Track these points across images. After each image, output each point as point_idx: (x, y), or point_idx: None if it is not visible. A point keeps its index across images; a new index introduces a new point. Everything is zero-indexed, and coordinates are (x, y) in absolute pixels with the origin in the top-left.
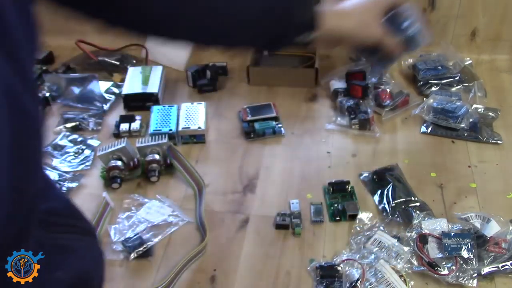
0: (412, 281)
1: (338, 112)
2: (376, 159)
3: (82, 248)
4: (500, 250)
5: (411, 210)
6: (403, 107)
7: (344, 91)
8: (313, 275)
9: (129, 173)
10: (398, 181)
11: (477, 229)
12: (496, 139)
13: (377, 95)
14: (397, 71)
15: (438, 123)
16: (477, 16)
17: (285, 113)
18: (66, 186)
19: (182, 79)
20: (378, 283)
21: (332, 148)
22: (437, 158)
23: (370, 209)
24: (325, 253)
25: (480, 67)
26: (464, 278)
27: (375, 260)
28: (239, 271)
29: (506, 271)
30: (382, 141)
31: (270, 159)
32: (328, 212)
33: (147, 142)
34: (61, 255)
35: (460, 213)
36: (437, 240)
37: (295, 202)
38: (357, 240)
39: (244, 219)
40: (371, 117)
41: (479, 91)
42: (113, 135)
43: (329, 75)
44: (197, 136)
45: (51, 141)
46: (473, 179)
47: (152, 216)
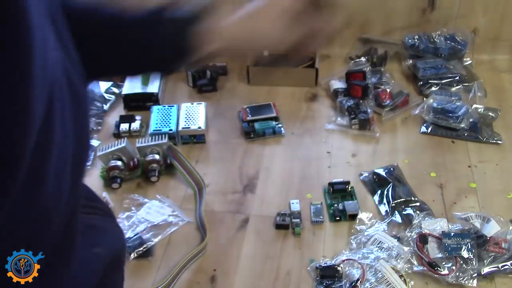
0: (412, 281)
1: (338, 112)
2: (376, 159)
3: (108, 228)
4: (500, 250)
5: (411, 210)
6: (403, 107)
7: (344, 91)
8: (313, 275)
9: (129, 173)
10: (398, 181)
11: (477, 229)
12: (496, 139)
13: (377, 95)
14: (397, 71)
15: (438, 123)
16: (477, 16)
17: (285, 113)
18: None
19: (182, 79)
20: (378, 283)
21: (332, 148)
22: (437, 158)
23: (370, 209)
24: (325, 253)
25: (480, 67)
26: (464, 278)
27: (375, 260)
28: (239, 271)
29: (506, 271)
30: (382, 141)
31: (270, 159)
32: (328, 212)
33: (147, 142)
34: (94, 234)
35: (460, 213)
36: (437, 240)
37: (295, 202)
38: (357, 240)
39: (244, 219)
40: (371, 117)
41: (479, 91)
42: (113, 135)
43: (329, 75)
44: (197, 136)
45: None
46: (473, 179)
47: (152, 216)
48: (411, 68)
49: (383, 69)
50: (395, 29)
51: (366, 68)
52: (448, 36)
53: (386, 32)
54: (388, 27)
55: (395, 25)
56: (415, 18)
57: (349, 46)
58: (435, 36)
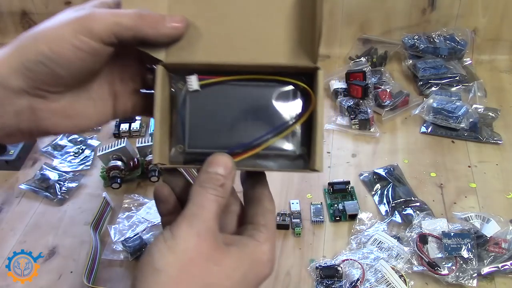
0: (412, 281)
1: (338, 112)
2: (376, 159)
3: None
4: (500, 250)
5: (411, 210)
6: (403, 107)
7: (344, 91)
8: (313, 275)
9: (129, 173)
10: (398, 181)
11: (477, 229)
12: (496, 139)
13: (377, 95)
14: (397, 71)
15: (438, 123)
16: (477, 16)
17: None
18: (66, 186)
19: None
20: (378, 283)
21: (332, 148)
22: (437, 158)
23: (370, 209)
24: (325, 253)
25: (480, 67)
26: (464, 278)
27: (375, 260)
28: None
29: (506, 271)
30: (382, 141)
31: None
32: (328, 212)
33: (147, 142)
34: None
35: (460, 213)
36: (437, 240)
37: (295, 202)
38: (357, 240)
39: None
40: (371, 117)
41: (479, 91)
42: (113, 135)
43: (329, 75)
44: None
45: (51, 141)
46: (473, 179)
47: (152, 216)
48: (411, 68)
49: (383, 69)
50: (395, 29)
51: (366, 68)
52: (448, 36)
53: (386, 32)
54: (388, 27)
55: (395, 25)
56: (415, 18)
57: (349, 46)
58: (435, 36)
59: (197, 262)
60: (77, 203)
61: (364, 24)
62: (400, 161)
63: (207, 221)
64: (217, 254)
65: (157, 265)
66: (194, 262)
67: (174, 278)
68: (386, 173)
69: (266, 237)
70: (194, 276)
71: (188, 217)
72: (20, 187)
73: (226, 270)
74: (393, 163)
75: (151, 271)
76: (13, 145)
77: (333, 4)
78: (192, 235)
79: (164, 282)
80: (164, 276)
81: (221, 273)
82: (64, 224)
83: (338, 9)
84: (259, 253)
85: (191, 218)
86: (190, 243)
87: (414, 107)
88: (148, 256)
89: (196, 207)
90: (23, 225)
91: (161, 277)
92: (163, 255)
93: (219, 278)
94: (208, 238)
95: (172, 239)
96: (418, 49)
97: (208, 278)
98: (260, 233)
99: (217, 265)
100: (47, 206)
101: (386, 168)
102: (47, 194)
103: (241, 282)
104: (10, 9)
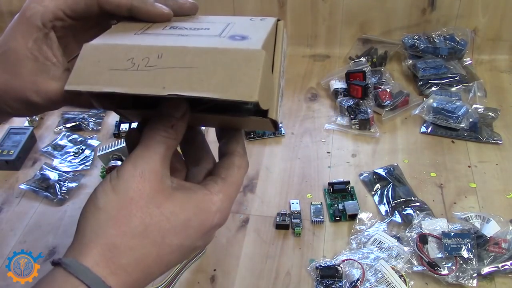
0: (412, 281)
1: (338, 112)
2: (376, 159)
3: None
4: (500, 250)
5: (411, 210)
6: (403, 107)
7: (344, 91)
8: (313, 275)
9: None
10: (398, 181)
11: (477, 229)
12: (496, 139)
13: (377, 95)
14: (397, 71)
15: (438, 123)
16: (477, 16)
17: (285, 113)
18: (66, 186)
19: None
20: (378, 283)
21: (332, 148)
22: (437, 158)
23: (370, 209)
24: (325, 253)
25: (480, 67)
26: (464, 278)
27: (375, 260)
28: (239, 271)
29: (506, 271)
30: (382, 141)
31: (270, 159)
32: (328, 212)
33: None
34: None
35: (460, 213)
36: (437, 240)
37: (295, 202)
38: (357, 240)
39: (244, 219)
40: (371, 117)
41: (479, 91)
42: (113, 135)
43: (329, 75)
44: None
45: (51, 141)
46: (473, 179)
47: None
48: (411, 68)
49: (383, 69)
50: (395, 29)
51: (366, 68)
52: (448, 36)
53: (386, 32)
54: (388, 27)
55: (395, 25)
56: (415, 18)
57: (349, 46)
58: (435, 36)
59: (137, 202)
60: (77, 203)
61: (364, 24)
62: (400, 161)
63: (152, 162)
64: (160, 196)
65: (99, 204)
66: (134, 202)
67: (114, 217)
68: (386, 173)
69: (219, 188)
70: (134, 216)
71: (134, 158)
72: (20, 187)
73: (166, 213)
74: (393, 163)
75: (93, 209)
76: (13, 145)
77: (333, 4)
78: (135, 176)
79: (104, 220)
80: (104, 214)
81: (161, 215)
82: (64, 224)
83: (338, 9)
84: (207, 202)
85: (136, 158)
86: (133, 183)
87: (414, 107)
88: (93, 194)
89: (143, 147)
90: (23, 225)
91: (101, 215)
92: (106, 194)
93: (159, 220)
94: (153, 180)
95: (116, 179)
96: (418, 49)
97: (147, 219)
98: (215, 184)
99: (158, 207)
100: (47, 206)
101: (386, 168)
102: (47, 194)
103: (182, 227)
104: (10, 9)
